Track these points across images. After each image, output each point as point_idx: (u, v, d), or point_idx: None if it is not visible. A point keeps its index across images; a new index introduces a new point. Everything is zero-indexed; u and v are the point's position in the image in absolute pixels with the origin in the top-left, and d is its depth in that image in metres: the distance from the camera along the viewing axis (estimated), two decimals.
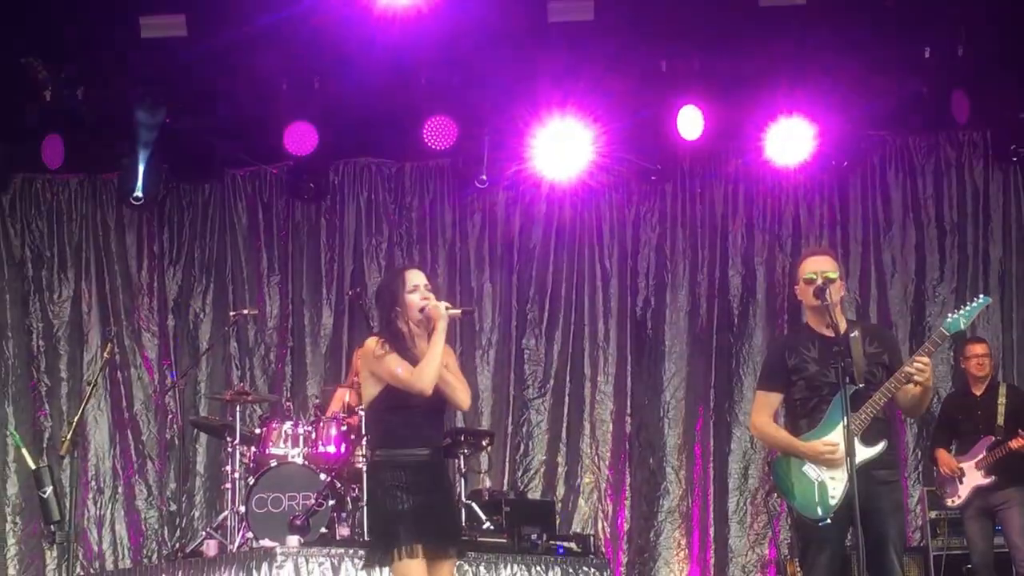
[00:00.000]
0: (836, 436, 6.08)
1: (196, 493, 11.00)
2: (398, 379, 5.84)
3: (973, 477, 9.01)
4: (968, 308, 6.23)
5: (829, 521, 6.05)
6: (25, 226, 11.34)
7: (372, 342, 5.98)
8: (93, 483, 11.00)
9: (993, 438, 8.97)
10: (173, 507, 10.98)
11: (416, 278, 6.01)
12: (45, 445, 10.94)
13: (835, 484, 6.06)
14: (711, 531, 10.78)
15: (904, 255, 11.05)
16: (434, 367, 5.82)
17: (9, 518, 10.85)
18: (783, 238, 11.17)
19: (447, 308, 5.92)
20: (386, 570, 5.91)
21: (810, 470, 6.14)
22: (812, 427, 6.18)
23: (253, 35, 9.64)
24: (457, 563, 6.21)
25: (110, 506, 10.98)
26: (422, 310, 5.93)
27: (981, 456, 8.98)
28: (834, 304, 6.15)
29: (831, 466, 6.07)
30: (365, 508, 6.48)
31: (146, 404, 11.17)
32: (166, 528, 10.97)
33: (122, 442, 11.09)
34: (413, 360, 5.86)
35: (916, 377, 5.99)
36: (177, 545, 10.41)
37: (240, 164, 11.31)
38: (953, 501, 9.14)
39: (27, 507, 10.70)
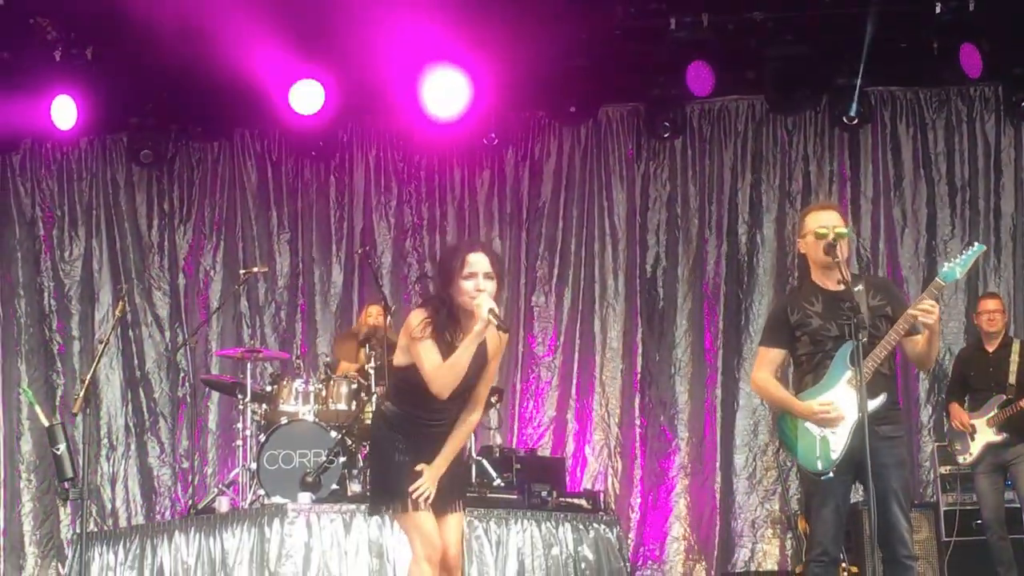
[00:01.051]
0: (836, 393, 6.07)
1: (208, 450, 11.08)
2: (422, 369, 5.60)
3: (984, 434, 9.01)
4: (963, 257, 6.12)
5: (831, 475, 6.04)
6: (36, 185, 11.39)
7: (415, 318, 5.65)
8: (106, 440, 11.09)
9: (1004, 396, 8.97)
10: (186, 464, 11.06)
11: (476, 264, 5.59)
12: (58, 403, 11.02)
13: (836, 439, 6.04)
14: (721, 487, 10.81)
15: (915, 210, 11.01)
16: (454, 374, 5.54)
17: (23, 475, 10.95)
18: (793, 194, 11.14)
19: (491, 312, 5.49)
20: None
21: (812, 425, 6.14)
22: (816, 383, 6.14)
23: None
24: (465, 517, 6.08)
25: (123, 463, 11.07)
26: (475, 308, 5.51)
27: (992, 413, 8.98)
28: (844, 259, 6.14)
29: (827, 425, 6.07)
30: (370, 458, 6.33)
31: (158, 362, 11.23)
32: (179, 485, 11.05)
33: (135, 400, 11.16)
34: (447, 348, 5.59)
35: (923, 319, 5.91)
36: (190, 502, 10.48)
37: (248, 122, 11.29)
38: (965, 458, 9.14)
39: (41, 464, 10.80)
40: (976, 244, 6.28)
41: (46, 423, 6.99)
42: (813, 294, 6.23)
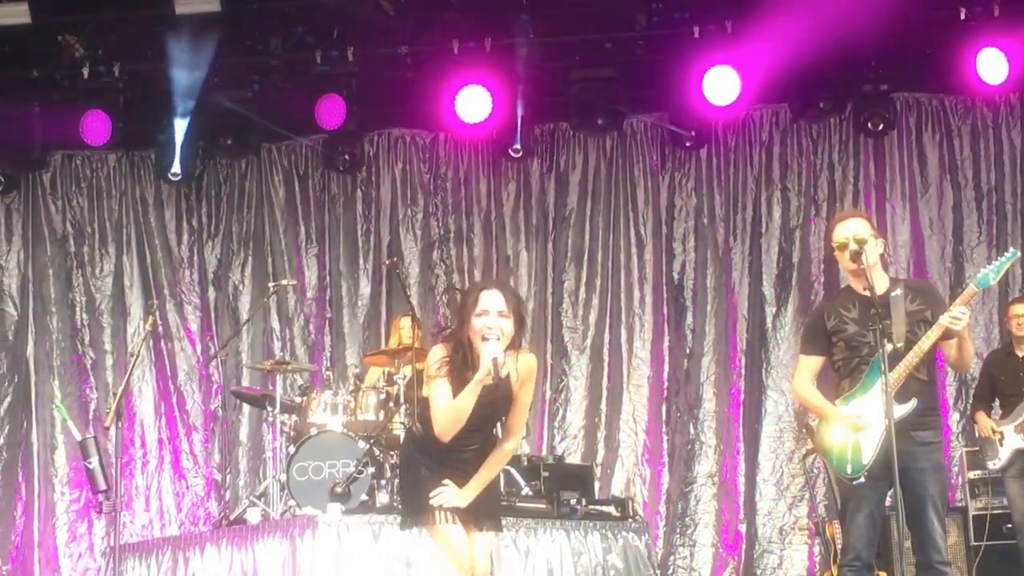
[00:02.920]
0: (869, 398, 6.11)
1: (240, 462, 11.15)
2: (432, 407, 5.64)
3: (1013, 440, 8.99)
4: (997, 263, 6.22)
5: (863, 479, 6.08)
6: (66, 202, 11.51)
7: (433, 356, 5.73)
8: (140, 453, 11.17)
9: None
10: (218, 476, 11.14)
11: (488, 302, 5.62)
12: (91, 416, 11.11)
13: (868, 444, 6.09)
14: (748, 494, 10.83)
15: (941, 216, 11.00)
16: (455, 419, 5.56)
17: (58, 488, 11.05)
18: (819, 202, 11.16)
19: (493, 361, 5.48)
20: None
21: (846, 430, 6.17)
22: (852, 387, 6.21)
23: (286, 8, 9.71)
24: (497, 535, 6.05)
25: (156, 476, 11.16)
26: (483, 338, 5.57)
27: (1022, 419, 8.96)
28: (871, 265, 6.17)
29: (856, 431, 6.10)
30: (400, 472, 6.34)
31: (190, 375, 11.33)
32: (212, 497, 11.12)
33: (168, 413, 11.26)
34: (461, 383, 5.61)
35: (952, 326, 5.98)
36: (222, 513, 10.55)
37: (275, 138, 11.38)
38: (994, 463, 9.13)
39: (75, 477, 10.87)
40: (1011, 250, 6.36)
41: (79, 437, 7.06)
42: (850, 300, 6.29)
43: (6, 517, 10.92)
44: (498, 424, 5.86)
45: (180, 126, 10.56)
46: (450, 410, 5.58)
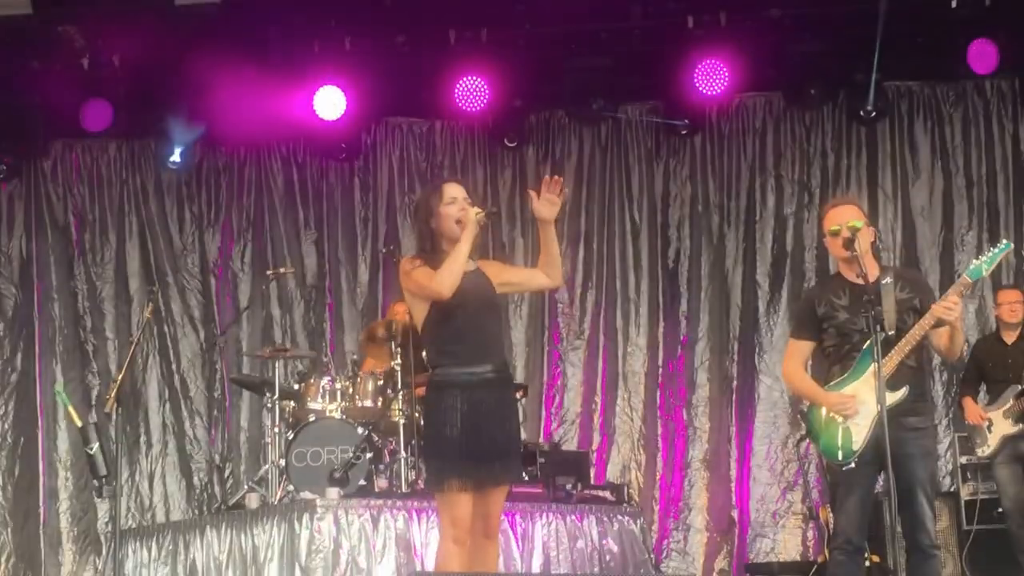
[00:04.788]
0: (860, 385, 6.17)
1: (241, 448, 11.23)
2: (423, 288, 5.73)
3: (1002, 426, 9.07)
4: (990, 254, 6.28)
5: (853, 465, 6.14)
6: (67, 191, 11.55)
7: (405, 261, 5.90)
8: (144, 438, 11.24)
9: (1021, 387, 9.03)
10: (220, 461, 11.22)
11: (454, 191, 5.87)
12: (93, 403, 11.18)
13: (859, 429, 6.16)
14: (742, 479, 10.92)
15: (932, 204, 11.08)
16: (453, 270, 5.66)
17: (61, 473, 11.11)
18: (811, 189, 11.24)
19: (477, 214, 5.77)
20: None
21: (836, 416, 6.25)
22: (843, 373, 6.27)
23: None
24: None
25: (160, 461, 11.23)
26: (458, 221, 5.76)
27: (1009, 404, 9.04)
28: (863, 252, 6.21)
29: (848, 416, 6.18)
30: (423, 430, 6.44)
31: (193, 362, 11.39)
32: (215, 482, 11.20)
33: (172, 399, 11.32)
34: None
35: (945, 316, 6.04)
36: (222, 498, 10.63)
37: (273, 127, 11.44)
38: (983, 450, 9.20)
39: (77, 462, 10.91)
40: (1003, 242, 6.42)
41: (79, 423, 7.13)
42: (840, 287, 6.35)
43: (14, 503, 10.99)
44: (502, 338, 5.98)
45: (179, 115, 10.64)
46: (447, 264, 5.68)
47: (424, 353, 6.73)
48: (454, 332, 5.79)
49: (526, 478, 9.12)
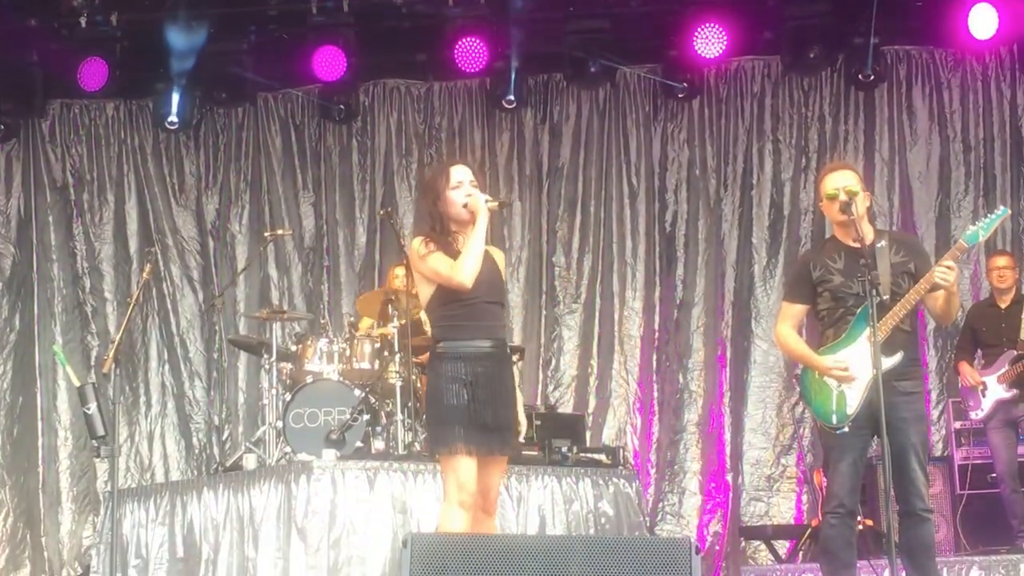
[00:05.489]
0: (854, 349, 6.20)
1: (239, 409, 11.26)
2: (440, 276, 5.84)
3: (996, 390, 9.11)
4: (987, 220, 6.30)
5: (846, 429, 6.19)
6: (65, 151, 11.54)
7: (416, 243, 5.97)
8: (144, 399, 11.28)
9: (1016, 352, 9.07)
10: (218, 422, 11.26)
11: (460, 174, 5.96)
12: (92, 363, 11.20)
13: (852, 394, 6.19)
14: (737, 443, 10.97)
15: (929, 169, 11.09)
16: (473, 260, 5.78)
17: (60, 433, 11.15)
18: (809, 153, 11.24)
19: (487, 201, 5.88)
20: None
21: (830, 380, 6.28)
22: (837, 337, 6.29)
23: None
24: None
25: (159, 421, 11.27)
26: (465, 206, 5.87)
27: (1004, 370, 9.08)
28: (860, 217, 6.23)
29: (842, 380, 6.21)
30: (426, 399, 6.51)
31: (192, 323, 11.42)
32: (213, 442, 11.24)
33: (171, 360, 11.35)
34: (455, 256, 5.86)
35: (941, 282, 6.07)
36: (220, 459, 10.68)
37: (271, 87, 11.43)
38: (976, 414, 9.25)
39: (76, 422, 10.95)
40: (1001, 208, 6.44)
41: (77, 383, 7.15)
42: (836, 251, 6.36)
43: (13, 461, 11.03)
44: (503, 319, 6.06)
45: (177, 75, 10.61)
46: (466, 256, 5.79)
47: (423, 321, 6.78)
48: (459, 311, 5.90)
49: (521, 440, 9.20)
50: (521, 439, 6.17)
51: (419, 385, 8.87)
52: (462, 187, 5.92)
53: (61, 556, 10.79)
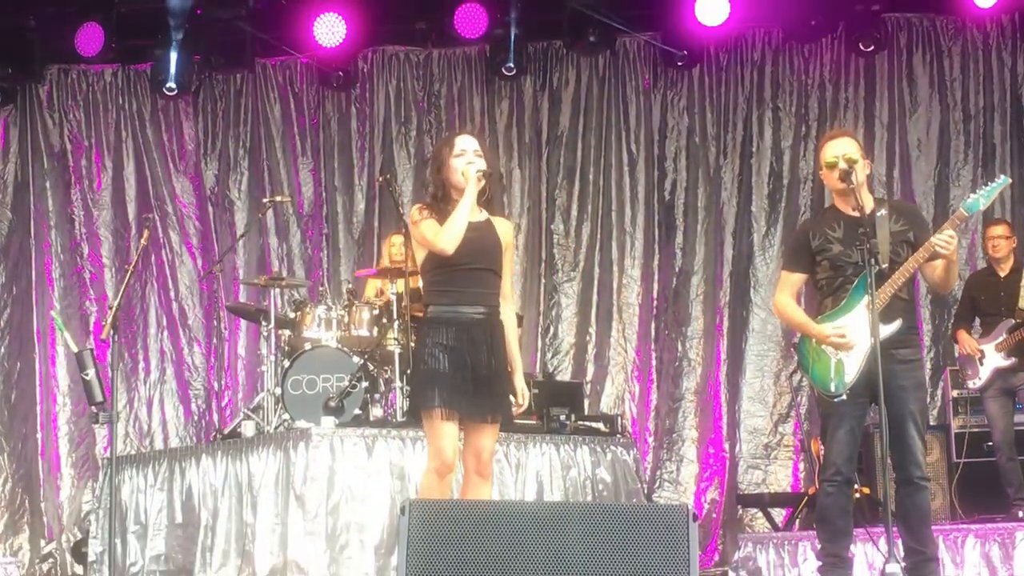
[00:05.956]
0: (853, 317, 6.20)
1: (238, 375, 11.27)
2: (426, 242, 5.92)
3: (993, 359, 9.11)
4: (988, 189, 6.28)
5: (844, 397, 6.19)
6: (63, 116, 11.49)
7: (414, 209, 6.06)
8: (142, 365, 11.27)
9: (1014, 320, 9.08)
10: (217, 388, 11.27)
11: (465, 143, 6.03)
12: (91, 329, 11.18)
13: (851, 362, 6.18)
14: (735, 411, 11.00)
15: (929, 137, 11.08)
16: (455, 226, 5.83)
17: (59, 399, 11.14)
18: (809, 121, 11.22)
19: (478, 171, 5.92)
20: None
21: (828, 348, 6.28)
22: (836, 306, 6.28)
23: None
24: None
25: (158, 388, 11.26)
26: (463, 174, 5.93)
27: (1002, 338, 9.07)
28: (859, 185, 6.22)
29: (840, 348, 6.21)
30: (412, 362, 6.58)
31: (191, 289, 11.38)
32: (213, 409, 11.25)
33: (170, 326, 11.33)
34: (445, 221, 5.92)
35: (941, 250, 6.06)
36: (218, 426, 10.69)
37: (270, 54, 11.40)
38: (974, 382, 9.26)
39: (75, 388, 10.93)
40: (1001, 176, 6.41)
41: (75, 349, 7.14)
42: (835, 219, 6.34)
43: (10, 427, 11.05)
44: (497, 287, 6.03)
45: (175, 41, 10.58)
46: (448, 223, 5.85)
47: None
48: (449, 277, 5.96)
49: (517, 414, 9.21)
50: (522, 409, 6.14)
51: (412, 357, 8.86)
52: (465, 155, 5.97)
53: (60, 521, 10.81)
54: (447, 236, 5.84)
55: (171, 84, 10.75)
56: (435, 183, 6.07)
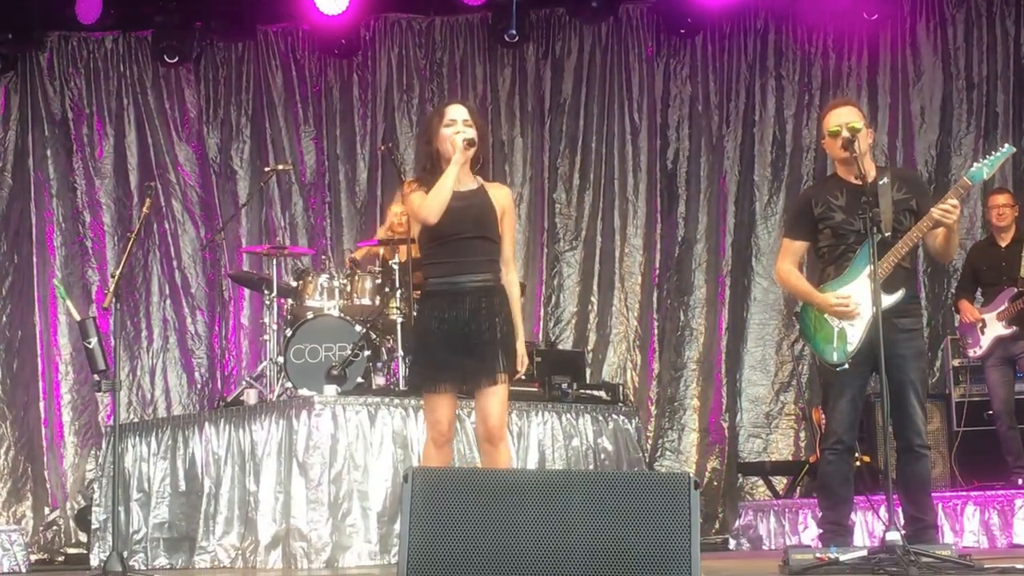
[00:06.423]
0: (855, 286, 6.20)
1: (241, 344, 11.28)
2: (413, 213, 5.96)
3: (994, 328, 9.12)
4: (992, 157, 6.26)
5: (847, 366, 6.19)
6: (64, 84, 11.47)
7: (405, 184, 6.10)
8: (145, 334, 11.28)
9: (1015, 289, 9.08)
10: (221, 357, 11.28)
11: (455, 113, 5.98)
12: (93, 298, 11.19)
13: (853, 331, 6.18)
14: (736, 380, 11.02)
15: (932, 106, 11.06)
16: (439, 197, 5.78)
17: (61, 367, 11.16)
18: (812, 89, 11.21)
19: (464, 139, 5.88)
20: None
21: (830, 317, 6.28)
22: (838, 275, 6.28)
23: None
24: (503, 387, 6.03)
25: (161, 356, 11.28)
26: (452, 143, 5.88)
27: (1003, 307, 9.08)
28: (862, 153, 6.18)
29: (843, 317, 6.21)
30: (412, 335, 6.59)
31: (193, 258, 11.39)
32: (216, 377, 11.27)
33: (172, 295, 11.34)
34: None
35: (943, 219, 6.04)
36: (220, 395, 10.71)
37: (271, 21, 11.37)
38: (975, 351, 9.27)
39: (77, 356, 10.95)
40: (1005, 145, 6.38)
41: (78, 317, 7.15)
42: (837, 188, 6.33)
43: (12, 395, 11.07)
44: (493, 254, 6.00)
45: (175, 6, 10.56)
46: (433, 191, 5.82)
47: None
48: (442, 248, 5.94)
49: (522, 377, 9.22)
50: (521, 376, 6.15)
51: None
52: (454, 125, 5.94)
53: (64, 489, 10.85)
54: (430, 206, 5.80)
55: (172, 51, 10.69)
56: (426, 154, 6.04)
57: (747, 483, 10.89)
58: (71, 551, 10.50)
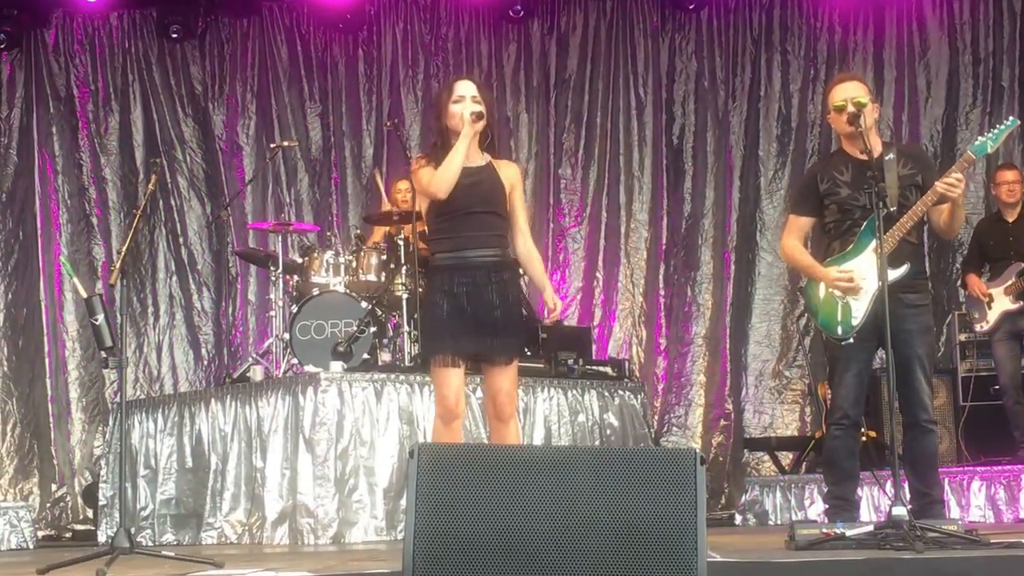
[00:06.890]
0: (859, 261, 6.19)
1: (248, 320, 11.29)
2: (422, 189, 5.98)
3: (1002, 303, 9.11)
4: (995, 131, 6.22)
5: (851, 340, 6.19)
6: (69, 61, 11.44)
7: (414, 161, 6.10)
8: (152, 310, 11.28)
9: (1022, 265, 9.07)
10: (227, 334, 11.29)
11: (463, 88, 5.99)
12: (99, 274, 11.20)
13: (858, 305, 6.18)
14: (742, 355, 11.02)
15: (938, 80, 11.03)
16: (449, 172, 5.82)
17: (68, 344, 11.15)
18: (818, 64, 11.18)
19: (472, 113, 5.87)
20: None
21: (835, 291, 6.27)
22: (843, 250, 6.27)
23: None
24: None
25: (168, 332, 11.28)
26: (461, 118, 5.89)
27: (1011, 282, 9.06)
28: (867, 129, 6.15)
29: (847, 292, 6.20)
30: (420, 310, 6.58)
31: (200, 234, 11.37)
32: (225, 352, 11.27)
33: (179, 271, 11.33)
34: None
35: (948, 193, 6.02)
36: (226, 371, 10.72)
37: None
38: (982, 326, 9.26)
39: (84, 333, 10.97)
40: (1010, 118, 6.33)
41: (84, 294, 7.15)
42: (843, 163, 6.32)
43: (17, 372, 11.08)
44: (502, 229, 6.03)
45: None
46: (443, 166, 5.86)
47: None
48: (445, 224, 5.96)
49: (528, 353, 9.24)
50: (555, 314, 6.20)
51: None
52: (463, 101, 5.95)
53: (72, 465, 10.87)
54: (439, 181, 5.84)
55: (176, 27, 10.68)
56: (436, 130, 6.07)
57: (753, 458, 10.91)
58: (78, 527, 10.52)
